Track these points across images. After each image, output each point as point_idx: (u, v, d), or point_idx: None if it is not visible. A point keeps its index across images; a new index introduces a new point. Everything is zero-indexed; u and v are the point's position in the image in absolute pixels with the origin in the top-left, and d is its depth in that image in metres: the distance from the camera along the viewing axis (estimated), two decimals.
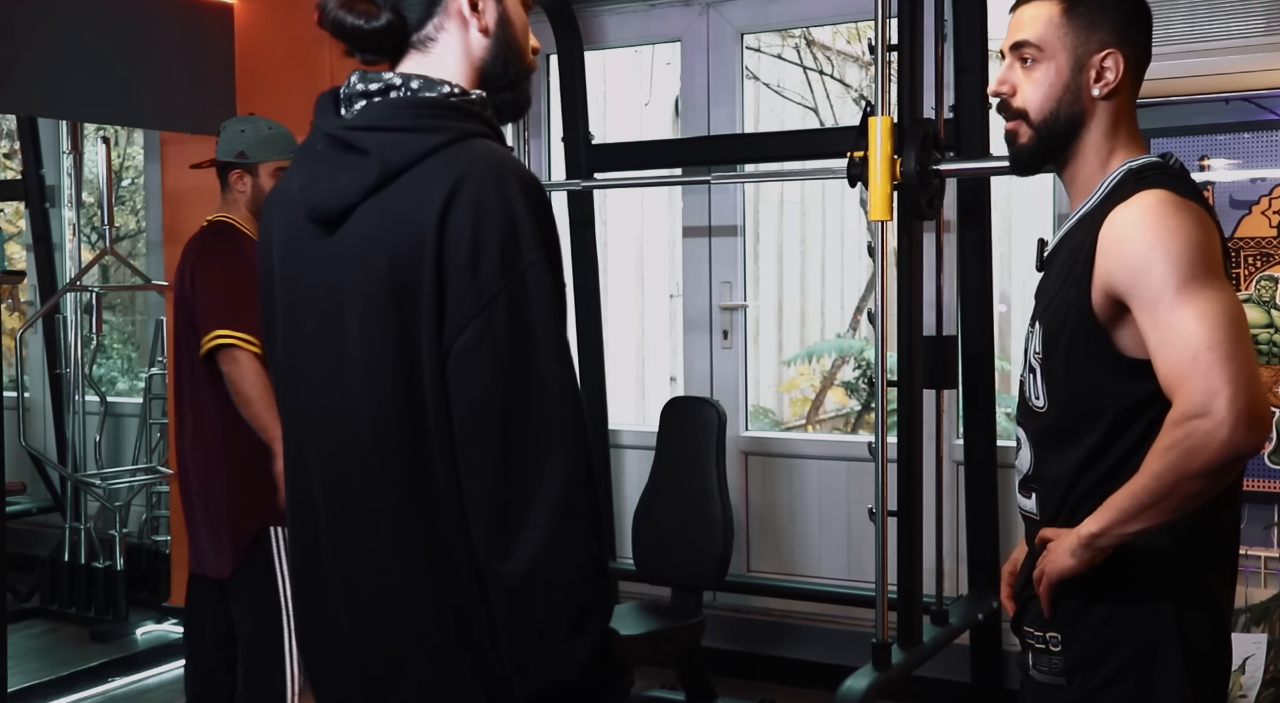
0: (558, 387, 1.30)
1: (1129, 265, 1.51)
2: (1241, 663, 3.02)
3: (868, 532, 3.63)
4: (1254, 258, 3.34)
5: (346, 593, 1.42)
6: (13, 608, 4.70)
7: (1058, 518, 1.63)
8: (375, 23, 1.41)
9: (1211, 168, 3.38)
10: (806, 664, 4.00)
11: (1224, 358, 1.42)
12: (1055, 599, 1.61)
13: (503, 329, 1.28)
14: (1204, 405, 1.40)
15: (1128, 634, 1.59)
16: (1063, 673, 1.62)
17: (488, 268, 1.28)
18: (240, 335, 2.89)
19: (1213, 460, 1.41)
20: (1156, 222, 1.51)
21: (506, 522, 1.29)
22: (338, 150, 1.40)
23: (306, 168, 1.44)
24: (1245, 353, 1.44)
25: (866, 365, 6.90)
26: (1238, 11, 3.08)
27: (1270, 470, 3.32)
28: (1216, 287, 1.48)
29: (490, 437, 1.28)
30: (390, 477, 1.35)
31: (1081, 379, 1.60)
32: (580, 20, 4.21)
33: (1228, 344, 1.43)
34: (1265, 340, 3.31)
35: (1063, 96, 1.63)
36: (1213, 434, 1.40)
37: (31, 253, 5.42)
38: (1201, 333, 1.44)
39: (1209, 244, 1.51)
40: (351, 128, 1.39)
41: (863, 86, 6.86)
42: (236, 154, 3.06)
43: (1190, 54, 3.13)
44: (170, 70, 4.28)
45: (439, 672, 1.37)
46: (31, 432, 5.05)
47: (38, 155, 5.37)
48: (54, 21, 3.91)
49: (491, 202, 1.29)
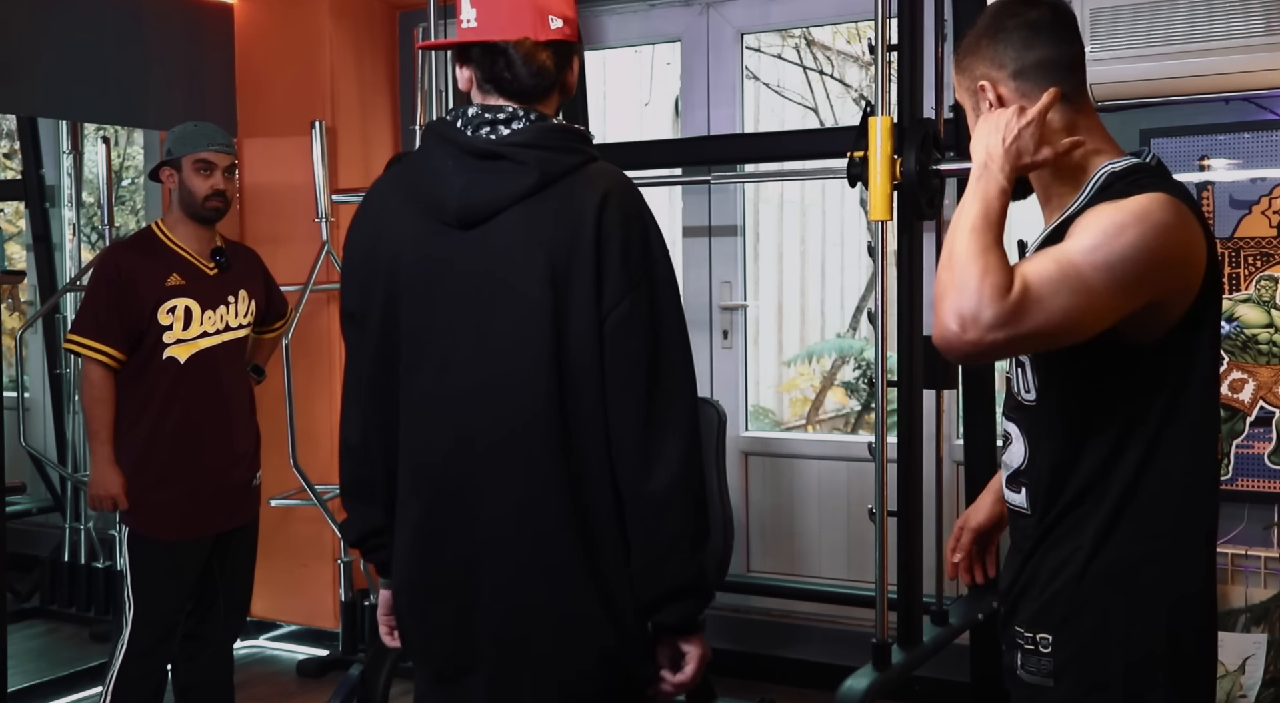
0: (681, 351, 1.72)
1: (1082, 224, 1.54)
2: (1241, 663, 3.02)
3: (868, 532, 3.63)
4: (1254, 258, 3.34)
5: (486, 536, 1.72)
6: (13, 608, 4.70)
7: (1049, 513, 1.63)
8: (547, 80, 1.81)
9: (1211, 168, 3.38)
10: (806, 664, 3.99)
11: (1032, 302, 1.44)
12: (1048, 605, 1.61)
13: (645, 306, 1.68)
14: (977, 315, 1.44)
15: (1120, 640, 1.58)
16: (1051, 674, 1.61)
17: (634, 260, 1.68)
18: (92, 344, 3.11)
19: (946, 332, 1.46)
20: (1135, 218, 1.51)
21: (648, 454, 1.67)
22: (485, 161, 1.73)
23: (434, 176, 1.75)
24: (1045, 318, 1.45)
25: (866, 365, 6.91)
26: (1238, 11, 3.07)
27: (1270, 470, 3.32)
28: (1102, 279, 1.47)
29: (638, 386, 1.67)
30: (539, 428, 1.68)
31: (1073, 368, 1.60)
32: (580, 20, 4.18)
33: (1046, 300, 1.45)
34: (1265, 340, 3.31)
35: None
36: (959, 336, 1.45)
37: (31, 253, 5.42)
38: (1050, 275, 1.46)
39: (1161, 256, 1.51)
40: (507, 144, 1.73)
41: (863, 86, 6.86)
42: (165, 152, 3.24)
43: (1190, 54, 3.13)
44: (170, 70, 4.28)
45: (574, 599, 1.71)
46: (31, 432, 5.05)
47: (38, 155, 5.36)
48: (54, 21, 3.91)
49: (633, 211, 1.71)
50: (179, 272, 3.19)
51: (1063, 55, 1.65)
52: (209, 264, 3.26)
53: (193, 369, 3.18)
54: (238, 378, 3.35)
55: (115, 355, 3.12)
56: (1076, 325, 1.48)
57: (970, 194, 1.57)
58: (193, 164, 3.19)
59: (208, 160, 3.19)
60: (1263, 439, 3.32)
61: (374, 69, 4.63)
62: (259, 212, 4.57)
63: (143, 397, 3.15)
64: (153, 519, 3.16)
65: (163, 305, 3.14)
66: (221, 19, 4.49)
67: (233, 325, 3.28)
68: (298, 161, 4.39)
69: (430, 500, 1.76)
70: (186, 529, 3.20)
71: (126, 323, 3.11)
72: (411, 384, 1.77)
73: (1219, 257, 1.63)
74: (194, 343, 3.19)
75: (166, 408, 3.16)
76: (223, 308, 3.26)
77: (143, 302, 3.12)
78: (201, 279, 3.23)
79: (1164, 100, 3.28)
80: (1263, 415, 3.32)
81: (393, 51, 4.71)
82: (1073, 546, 1.60)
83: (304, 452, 4.27)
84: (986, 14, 1.70)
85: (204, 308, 3.21)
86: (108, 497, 3.12)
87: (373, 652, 3.53)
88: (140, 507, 3.15)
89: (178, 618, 3.26)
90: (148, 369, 3.15)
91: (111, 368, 3.12)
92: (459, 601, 1.74)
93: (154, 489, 3.16)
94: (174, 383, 3.16)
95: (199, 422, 3.21)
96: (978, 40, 1.68)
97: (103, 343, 3.10)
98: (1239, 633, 3.09)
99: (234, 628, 3.45)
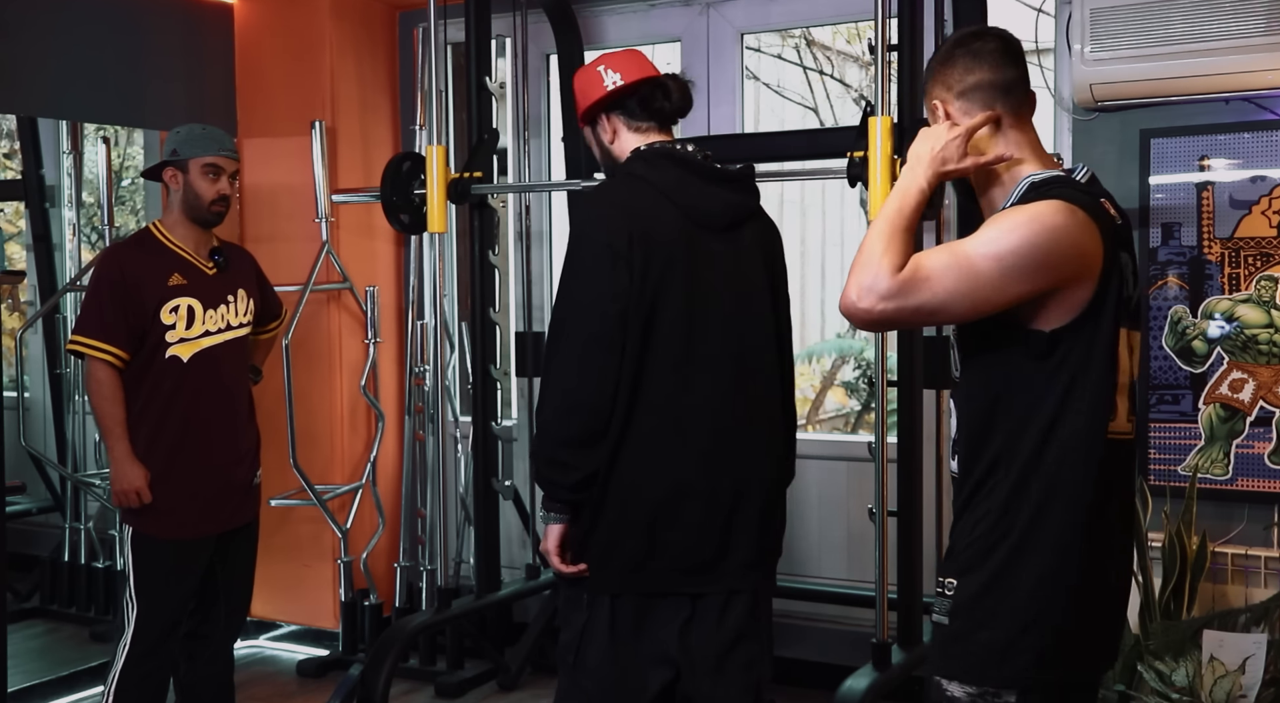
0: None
1: (986, 223, 1.83)
2: (1241, 663, 3.02)
3: (868, 532, 3.63)
4: (1254, 258, 3.34)
5: (754, 449, 2.36)
6: (13, 608, 4.70)
7: (969, 480, 1.88)
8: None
9: (1211, 168, 3.38)
10: (806, 664, 3.99)
11: (921, 281, 1.75)
12: (958, 557, 1.87)
13: (785, 297, 2.49)
14: (873, 286, 1.78)
15: (1006, 588, 1.82)
16: (947, 614, 1.86)
17: (784, 268, 2.50)
18: (98, 345, 3.11)
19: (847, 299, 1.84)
20: (1029, 219, 1.78)
21: (792, 399, 2.53)
22: (721, 183, 2.37)
23: (688, 189, 2.33)
24: (931, 295, 1.75)
25: (866, 365, 6.91)
26: (1238, 11, 3.07)
27: (1270, 471, 3.32)
28: (990, 267, 1.75)
29: (790, 347, 2.50)
30: (774, 372, 2.43)
31: (986, 349, 1.86)
32: (580, 20, 4.21)
33: (933, 280, 1.75)
34: (1265, 340, 3.31)
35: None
36: (855, 304, 1.81)
37: (31, 253, 5.42)
38: (943, 260, 1.77)
39: (1047, 250, 1.76)
40: (741, 174, 2.41)
41: (863, 86, 6.86)
42: (170, 152, 3.22)
43: (1190, 54, 3.13)
44: (170, 70, 4.29)
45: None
46: (31, 432, 5.05)
47: (38, 155, 5.36)
48: (54, 21, 3.91)
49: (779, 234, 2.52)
50: (180, 271, 3.20)
51: (999, 79, 1.91)
52: (208, 264, 3.27)
53: (196, 368, 3.19)
54: (239, 377, 3.35)
55: (120, 355, 3.12)
56: (959, 306, 1.77)
57: (893, 190, 1.90)
58: (201, 168, 3.19)
59: (217, 165, 3.21)
60: (1263, 439, 3.32)
61: (374, 69, 4.63)
62: (259, 212, 4.57)
63: (145, 396, 3.15)
64: (157, 519, 3.16)
65: (165, 305, 3.15)
66: (221, 19, 4.49)
67: (233, 324, 3.29)
68: (298, 161, 4.39)
69: (715, 433, 2.31)
70: (190, 528, 3.20)
71: (130, 323, 3.12)
72: (689, 346, 2.28)
73: (1120, 258, 1.84)
74: (197, 342, 3.19)
75: (170, 407, 3.17)
76: (223, 307, 3.27)
77: (145, 301, 3.13)
78: (202, 279, 3.24)
79: (1164, 100, 3.28)
80: (1263, 415, 3.32)
81: (393, 51, 4.71)
82: (984, 509, 1.84)
83: (304, 452, 4.27)
84: (945, 43, 2.00)
85: (205, 307, 3.22)
86: (132, 490, 3.11)
87: (373, 652, 3.53)
88: (144, 506, 3.15)
89: (181, 618, 3.25)
90: (150, 369, 3.15)
91: (116, 367, 3.13)
92: (732, 506, 2.34)
93: (158, 488, 3.15)
94: (177, 382, 3.16)
95: (203, 420, 3.21)
96: (934, 66, 1.97)
97: (108, 343, 3.11)
98: (1239, 633, 3.08)
99: (235, 628, 3.45)
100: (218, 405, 3.25)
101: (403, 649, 3.66)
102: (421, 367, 4.43)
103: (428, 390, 4.36)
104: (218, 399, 3.25)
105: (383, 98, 4.68)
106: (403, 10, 4.69)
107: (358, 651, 4.37)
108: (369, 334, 4.49)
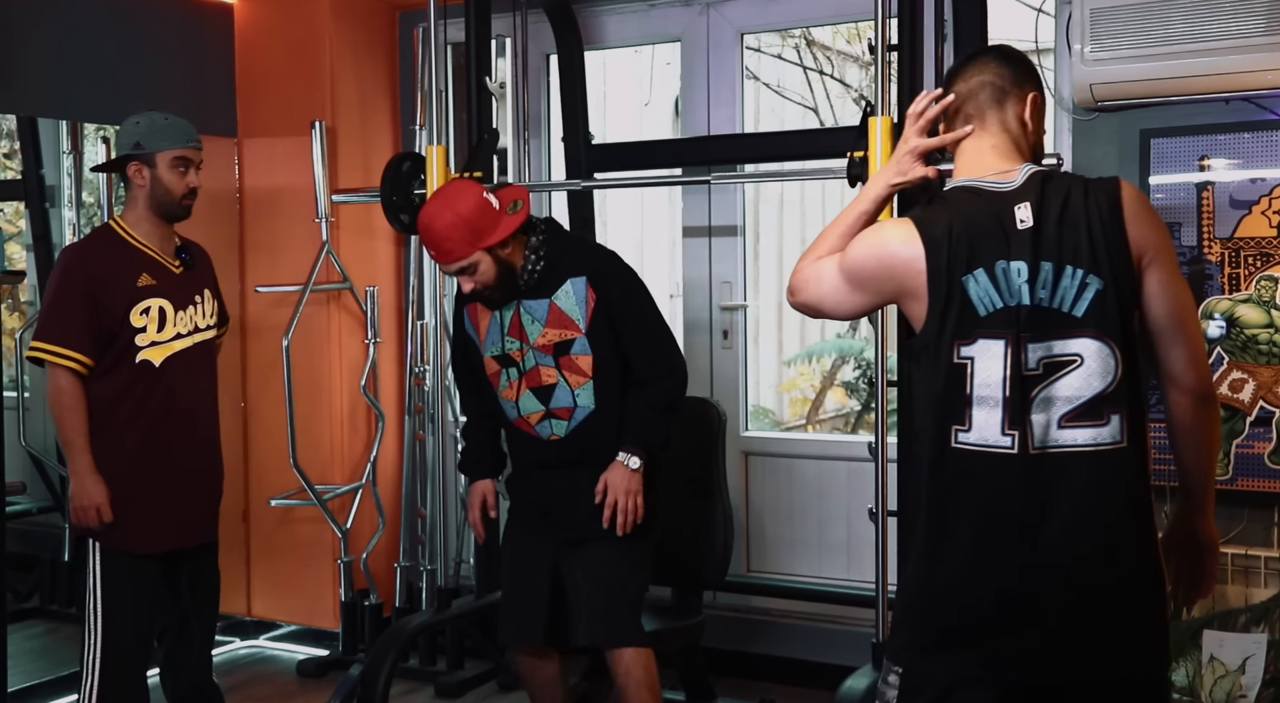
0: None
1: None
2: (1241, 663, 3.02)
3: (868, 532, 3.63)
4: (1254, 258, 3.34)
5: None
6: (13, 608, 4.70)
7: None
8: None
9: (1211, 168, 3.38)
10: (806, 664, 3.99)
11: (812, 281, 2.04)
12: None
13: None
14: (790, 282, 2.07)
15: (903, 578, 2.09)
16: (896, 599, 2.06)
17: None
18: (60, 351, 2.93)
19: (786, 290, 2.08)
20: (870, 234, 2.01)
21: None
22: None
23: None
24: (810, 296, 2.04)
25: (866, 365, 6.91)
26: (1238, 11, 3.07)
27: (1270, 471, 3.32)
28: (844, 275, 1.99)
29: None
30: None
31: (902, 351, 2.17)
32: (580, 20, 4.21)
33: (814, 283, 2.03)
34: (1265, 340, 3.31)
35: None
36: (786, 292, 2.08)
37: (31, 253, 5.41)
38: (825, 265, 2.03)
39: (873, 255, 1.97)
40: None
41: (863, 86, 6.86)
42: (132, 145, 3.03)
43: (1190, 54, 3.13)
44: (170, 70, 4.29)
45: None
46: (31, 432, 5.05)
47: (38, 155, 5.36)
48: (54, 21, 3.91)
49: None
50: (149, 271, 3.03)
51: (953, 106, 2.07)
52: (175, 262, 3.10)
53: (168, 373, 3.03)
54: (209, 382, 3.20)
55: (84, 361, 2.94)
56: (834, 307, 2.04)
57: (856, 195, 2.09)
58: (170, 161, 3.02)
59: (186, 157, 3.03)
60: (1263, 439, 3.32)
61: (374, 69, 4.63)
62: (259, 212, 4.57)
63: (112, 402, 2.98)
64: (128, 532, 2.99)
65: (136, 307, 2.98)
66: (221, 19, 4.49)
67: (201, 326, 3.13)
68: (298, 162, 4.39)
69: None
70: (162, 540, 3.05)
71: (96, 327, 2.94)
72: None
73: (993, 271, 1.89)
74: (169, 345, 3.03)
75: (139, 413, 3.00)
76: (191, 308, 3.10)
77: (114, 304, 2.96)
78: (170, 278, 3.07)
79: (1164, 100, 3.28)
80: (1263, 415, 3.32)
81: (393, 51, 4.71)
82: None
83: (304, 452, 4.27)
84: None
85: (176, 308, 3.05)
86: (92, 507, 2.93)
87: (373, 652, 3.53)
88: (114, 520, 2.97)
89: (150, 642, 3.11)
90: (118, 374, 2.98)
91: (80, 375, 2.94)
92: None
93: (128, 501, 2.98)
94: (149, 387, 3.00)
95: (175, 427, 3.06)
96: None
97: (71, 349, 2.92)
98: (1239, 633, 3.08)
99: (209, 645, 3.28)
100: (189, 411, 3.09)
101: (403, 649, 3.66)
102: (421, 367, 4.43)
103: (428, 390, 4.37)
104: (189, 405, 3.09)
105: (383, 98, 4.68)
106: (403, 10, 4.69)
107: (358, 651, 4.37)
108: (369, 334, 4.49)
